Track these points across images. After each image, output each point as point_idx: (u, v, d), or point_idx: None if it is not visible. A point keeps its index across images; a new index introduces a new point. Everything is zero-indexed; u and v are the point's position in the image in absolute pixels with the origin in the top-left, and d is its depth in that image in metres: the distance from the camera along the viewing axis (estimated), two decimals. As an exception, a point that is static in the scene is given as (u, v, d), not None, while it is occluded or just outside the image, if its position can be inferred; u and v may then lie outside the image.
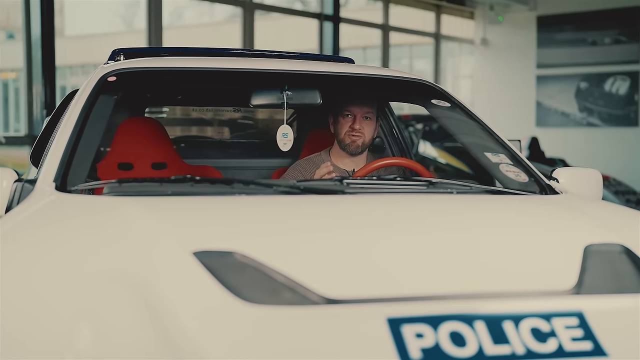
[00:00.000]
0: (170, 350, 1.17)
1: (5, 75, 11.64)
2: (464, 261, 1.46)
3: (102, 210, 1.63)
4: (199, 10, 17.33)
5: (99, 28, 15.35)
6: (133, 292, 1.27)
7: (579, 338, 1.30)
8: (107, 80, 2.25)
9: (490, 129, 2.44)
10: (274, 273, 1.35)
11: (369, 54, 13.87)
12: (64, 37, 14.36)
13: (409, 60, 14.53)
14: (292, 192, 1.87)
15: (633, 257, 1.57)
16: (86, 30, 15.52)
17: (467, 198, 1.97)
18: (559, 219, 1.80)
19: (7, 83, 11.87)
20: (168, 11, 16.79)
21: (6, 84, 11.85)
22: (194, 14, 17.72)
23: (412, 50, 14.25)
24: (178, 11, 17.46)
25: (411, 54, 14.41)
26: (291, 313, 1.26)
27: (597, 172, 2.42)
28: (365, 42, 13.28)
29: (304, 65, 2.53)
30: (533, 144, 9.05)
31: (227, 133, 4.43)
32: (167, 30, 16.08)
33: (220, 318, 1.23)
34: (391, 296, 1.32)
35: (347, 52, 15.27)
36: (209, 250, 1.39)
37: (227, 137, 4.35)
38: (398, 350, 1.21)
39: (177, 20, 17.71)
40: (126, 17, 16.45)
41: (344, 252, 1.44)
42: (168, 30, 16.26)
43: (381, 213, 1.70)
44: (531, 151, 8.94)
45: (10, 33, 11.29)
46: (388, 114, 3.36)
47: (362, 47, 14.14)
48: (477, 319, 1.29)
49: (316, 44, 10.04)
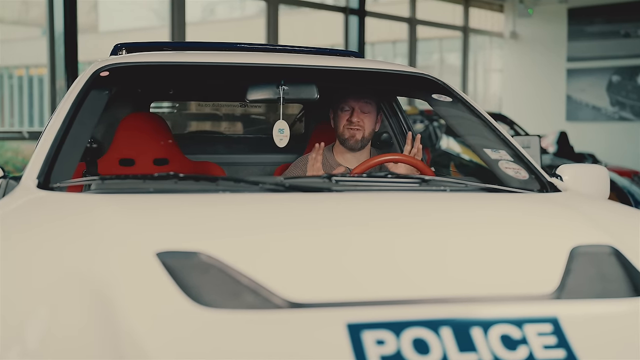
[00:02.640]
0: (115, 352, 1.14)
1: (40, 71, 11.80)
2: (438, 263, 1.40)
3: (75, 208, 1.60)
4: (230, 5, 17.40)
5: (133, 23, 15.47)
6: (89, 292, 1.24)
7: (551, 346, 1.23)
8: (99, 75, 2.23)
9: (492, 125, 2.36)
10: (238, 275, 1.30)
11: (399, 48, 13.75)
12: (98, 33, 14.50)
13: (439, 54, 14.39)
14: (277, 190, 1.82)
15: (622, 259, 1.49)
16: (120, 26, 15.64)
17: (458, 196, 1.90)
18: (549, 218, 1.72)
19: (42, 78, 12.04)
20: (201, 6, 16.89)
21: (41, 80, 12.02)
22: (226, 9, 17.80)
23: (442, 44, 14.11)
24: (210, 7, 17.56)
25: (441, 47, 14.26)
26: (248, 317, 1.21)
27: (603, 169, 2.33)
28: (395, 36, 13.16)
29: (304, 60, 2.48)
30: (562, 138, 8.88)
31: (240, 128, 4.41)
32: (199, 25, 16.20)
33: (171, 322, 1.19)
34: (355, 300, 1.26)
35: (377, 47, 15.20)
36: (174, 251, 1.35)
37: (240, 132, 4.33)
38: (356, 358, 1.16)
39: (210, 15, 17.81)
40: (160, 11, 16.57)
41: (314, 253, 1.39)
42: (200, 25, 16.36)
43: (360, 212, 1.64)
44: (560, 146, 8.77)
45: (45, 30, 11.46)
46: (397, 109, 3.30)
47: (392, 42, 14.03)
48: (443, 325, 1.23)
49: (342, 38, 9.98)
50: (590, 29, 11.54)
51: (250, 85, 2.36)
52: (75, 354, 1.14)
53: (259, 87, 2.36)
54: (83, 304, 1.23)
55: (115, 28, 15.54)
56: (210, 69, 2.38)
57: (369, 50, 14.97)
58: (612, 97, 11.41)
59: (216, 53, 2.52)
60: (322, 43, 10.58)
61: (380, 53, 15.40)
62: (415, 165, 2.53)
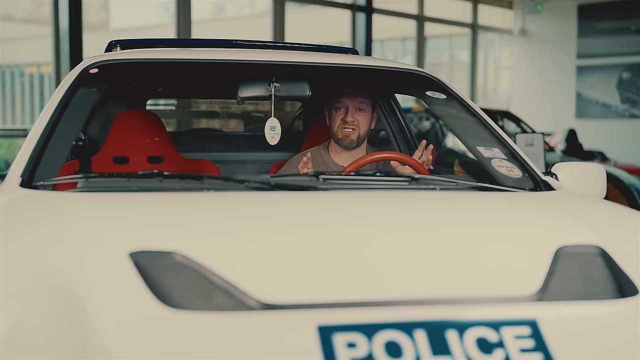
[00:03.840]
0: (80, 353, 1.12)
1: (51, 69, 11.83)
2: (415, 264, 1.36)
3: (52, 207, 1.58)
4: (239, 3, 17.40)
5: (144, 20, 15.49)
6: (60, 292, 1.22)
7: (528, 349, 1.19)
8: (88, 73, 2.21)
9: (487, 122, 2.32)
10: (212, 275, 1.28)
11: (409, 45, 13.71)
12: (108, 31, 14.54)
13: (449, 52, 14.33)
14: (262, 188, 1.79)
15: (609, 260, 1.45)
16: (131, 23, 15.66)
17: (446, 195, 1.86)
18: (536, 218, 1.68)
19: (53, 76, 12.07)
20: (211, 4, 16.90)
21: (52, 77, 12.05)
22: (235, 6, 17.81)
23: (451, 42, 14.04)
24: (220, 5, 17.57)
25: (451, 45, 14.20)
26: (217, 319, 1.19)
27: (599, 167, 2.28)
28: (405, 34, 13.11)
29: (296, 56, 2.45)
30: (570, 136, 8.81)
31: (241, 126, 4.39)
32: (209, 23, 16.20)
33: (138, 323, 1.17)
34: (328, 302, 1.23)
35: (386, 44, 15.14)
36: (147, 251, 1.33)
37: (240, 129, 4.31)
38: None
39: (220, 13, 17.82)
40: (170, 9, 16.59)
41: (291, 253, 1.36)
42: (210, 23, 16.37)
43: (342, 211, 1.61)
44: (568, 144, 8.70)
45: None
46: (394, 107, 3.26)
47: (402, 39, 13.97)
48: (417, 328, 1.19)
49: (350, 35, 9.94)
50: (601, 26, 11.44)
51: (241, 83, 2.33)
52: (40, 355, 1.12)
53: (250, 85, 2.33)
54: (53, 304, 1.21)
55: (126, 26, 15.56)
56: (201, 66, 2.36)
57: (379, 47, 14.93)
58: (623, 95, 11.32)
59: (207, 50, 2.49)
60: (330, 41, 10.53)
61: (389, 50, 15.35)
62: (409, 163, 2.50)
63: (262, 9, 13.95)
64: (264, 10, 9.48)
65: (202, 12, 16.50)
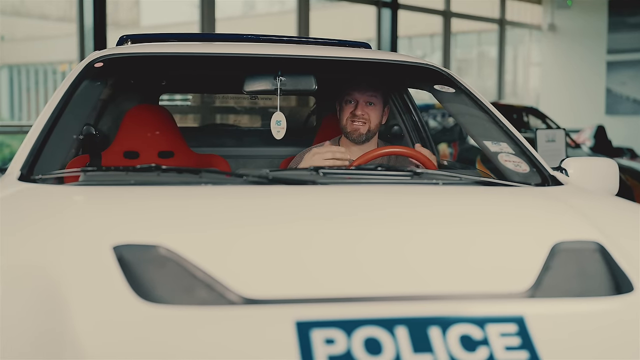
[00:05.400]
0: (55, 348, 1.11)
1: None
2: (403, 259, 1.33)
3: (45, 201, 1.58)
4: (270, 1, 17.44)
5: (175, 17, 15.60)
6: (40, 286, 1.22)
7: (514, 347, 1.16)
8: (93, 67, 2.21)
9: (495, 116, 2.28)
10: (195, 269, 1.26)
11: (437, 41, 13.61)
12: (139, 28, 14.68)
13: (478, 48, 14.19)
14: (260, 182, 1.78)
15: (607, 257, 1.40)
16: (162, 20, 15.79)
17: (447, 190, 1.83)
18: (536, 213, 1.64)
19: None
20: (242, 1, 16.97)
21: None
22: (265, 3, 17.85)
23: (480, 37, 13.90)
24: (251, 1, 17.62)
25: (480, 41, 14.06)
26: (196, 314, 1.17)
27: (612, 162, 2.22)
28: (432, 30, 13.01)
29: (305, 50, 2.43)
30: (599, 132, 8.66)
31: (259, 121, 4.38)
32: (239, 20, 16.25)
33: (114, 318, 1.15)
34: (308, 297, 1.21)
35: (414, 40, 15.04)
36: (132, 244, 1.32)
37: (258, 125, 4.30)
38: (302, 358, 1.10)
39: (250, 10, 17.88)
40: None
41: (276, 248, 1.34)
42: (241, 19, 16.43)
43: (335, 205, 1.58)
44: (597, 140, 8.56)
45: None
46: (409, 103, 3.22)
47: (430, 35, 13.87)
48: (398, 324, 1.16)
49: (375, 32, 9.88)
50: (632, 20, 11.23)
51: (247, 76, 2.31)
52: (15, 347, 1.12)
53: (256, 78, 2.31)
54: (32, 296, 1.20)
55: (157, 23, 15.70)
56: (207, 60, 2.34)
57: (406, 44, 14.84)
58: (654, 91, 11.11)
59: (214, 44, 2.48)
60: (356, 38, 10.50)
61: (418, 47, 15.25)
62: (417, 158, 2.46)
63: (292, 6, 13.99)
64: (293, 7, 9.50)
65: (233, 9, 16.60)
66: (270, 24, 15.40)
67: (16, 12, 14.90)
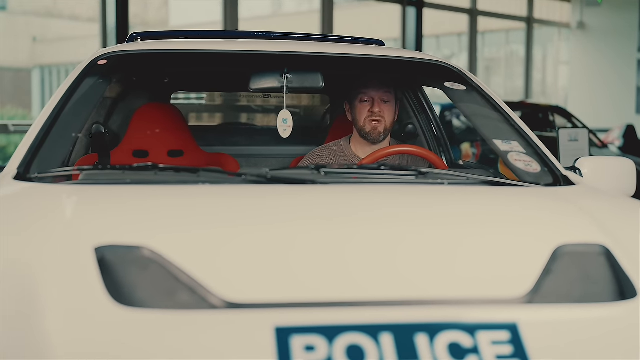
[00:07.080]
0: (27, 350, 1.07)
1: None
2: (393, 262, 1.27)
3: (36, 200, 1.56)
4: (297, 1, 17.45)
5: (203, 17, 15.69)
6: (16, 285, 1.19)
7: (505, 356, 1.09)
8: (96, 64, 2.18)
9: (507, 114, 2.21)
10: (178, 272, 1.22)
11: (464, 40, 13.48)
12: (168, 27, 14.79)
13: (506, 47, 14.02)
14: (259, 182, 1.73)
15: (612, 260, 1.33)
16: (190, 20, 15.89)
17: (451, 190, 1.76)
18: (540, 215, 1.56)
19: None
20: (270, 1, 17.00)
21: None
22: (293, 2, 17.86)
23: (508, 36, 13.74)
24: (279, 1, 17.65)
25: (508, 39, 13.89)
26: (174, 318, 1.13)
27: (628, 162, 2.14)
28: (460, 29, 12.88)
29: (315, 47, 2.38)
30: (629, 132, 8.48)
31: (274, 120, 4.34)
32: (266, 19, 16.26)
33: (86, 321, 1.12)
34: (291, 301, 1.16)
35: (442, 39, 14.92)
36: (115, 245, 1.28)
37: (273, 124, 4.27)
38: None
39: (279, 9, 17.91)
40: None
41: (264, 250, 1.29)
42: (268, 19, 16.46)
43: (330, 206, 1.53)
44: (626, 140, 8.38)
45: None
46: (424, 102, 3.16)
47: (457, 34, 13.75)
48: (383, 330, 1.10)
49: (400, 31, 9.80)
50: (664, 18, 11.01)
51: (252, 74, 2.27)
52: None
53: (262, 76, 2.27)
54: (9, 298, 1.17)
55: (186, 23, 15.80)
56: (213, 57, 2.31)
57: (434, 43, 14.72)
58: (686, 89, 10.86)
59: (220, 41, 2.44)
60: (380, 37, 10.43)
61: (445, 46, 15.13)
62: (428, 158, 2.40)
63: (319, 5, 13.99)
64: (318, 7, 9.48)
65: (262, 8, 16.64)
66: (297, 23, 15.40)
67: (49, 13, 15.10)
